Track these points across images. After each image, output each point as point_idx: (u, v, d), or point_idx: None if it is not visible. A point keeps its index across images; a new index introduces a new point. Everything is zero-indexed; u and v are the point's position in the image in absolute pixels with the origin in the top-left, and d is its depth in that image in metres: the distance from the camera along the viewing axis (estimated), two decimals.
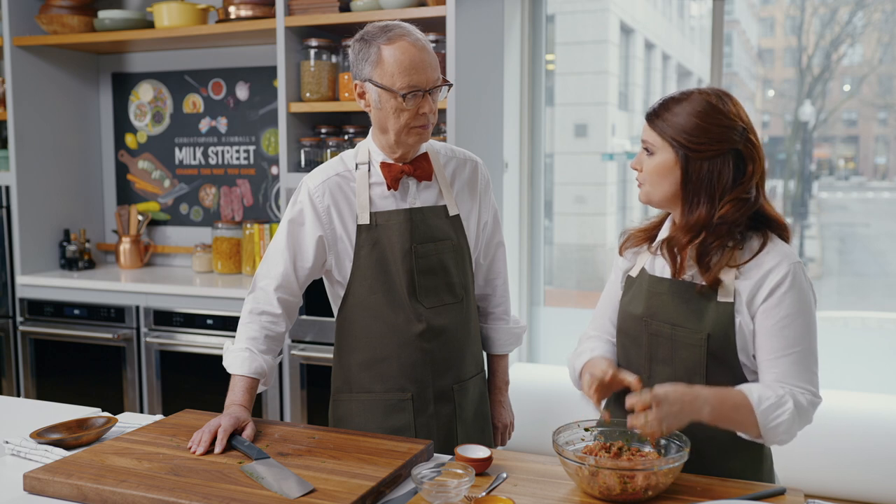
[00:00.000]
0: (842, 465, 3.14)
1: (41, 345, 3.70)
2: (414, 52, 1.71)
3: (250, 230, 3.66)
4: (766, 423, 1.45)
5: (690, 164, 1.53)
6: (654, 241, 1.69)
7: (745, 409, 1.46)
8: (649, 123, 1.57)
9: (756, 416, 1.45)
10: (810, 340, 1.52)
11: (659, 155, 1.55)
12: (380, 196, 1.83)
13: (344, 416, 1.91)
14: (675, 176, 1.55)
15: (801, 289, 1.51)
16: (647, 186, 1.59)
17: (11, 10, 3.68)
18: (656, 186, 1.58)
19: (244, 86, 3.88)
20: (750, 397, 1.46)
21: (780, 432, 1.47)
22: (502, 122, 3.51)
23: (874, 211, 6.62)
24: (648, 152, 1.58)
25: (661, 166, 1.55)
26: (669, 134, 1.53)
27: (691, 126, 1.52)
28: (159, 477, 1.47)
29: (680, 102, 1.54)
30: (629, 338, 1.67)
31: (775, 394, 1.47)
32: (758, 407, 1.45)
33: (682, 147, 1.52)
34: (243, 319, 1.85)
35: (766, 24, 7.20)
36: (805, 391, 1.50)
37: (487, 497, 1.36)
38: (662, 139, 1.54)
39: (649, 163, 1.57)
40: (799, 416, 1.48)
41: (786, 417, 1.45)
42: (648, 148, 1.58)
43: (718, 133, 1.51)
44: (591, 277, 6.70)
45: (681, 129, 1.52)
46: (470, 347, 1.93)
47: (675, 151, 1.54)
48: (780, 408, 1.46)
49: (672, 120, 1.54)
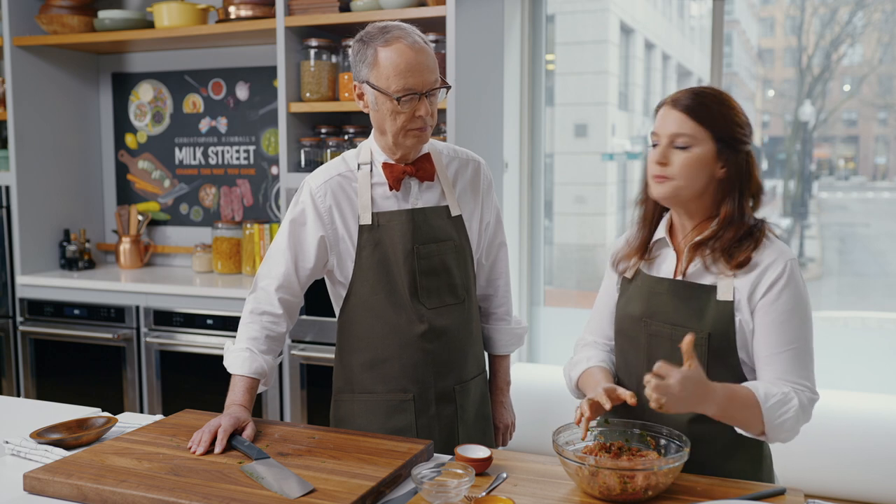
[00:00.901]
0: (842, 465, 3.14)
1: (41, 345, 3.70)
2: (410, 54, 1.70)
3: (250, 230, 3.66)
4: (772, 420, 1.45)
5: (730, 156, 1.53)
6: (646, 255, 1.68)
7: (752, 406, 1.45)
8: (688, 115, 1.51)
9: (762, 414, 1.45)
10: (807, 337, 1.53)
11: (698, 147, 1.51)
12: (382, 196, 1.83)
13: (345, 417, 1.91)
14: (713, 169, 1.53)
15: (797, 284, 1.53)
16: (678, 181, 1.53)
17: (11, 10, 3.68)
18: (691, 181, 1.52)
19: (244, 86, 3.89)
20: (756, 394, 1.46)
21: (785, 430, 1.47)
22: (502, 122, 3.51)
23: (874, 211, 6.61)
24: (680, 146, 1.52)
25: (700, 159, 1.51)
26: (712, 125, 1.50)
27: (731, 118, 1.52)
28: (159, 477, 1.47)
29: (708, 96, 1.53)
30: (627, 339, 1.67)
31: (780, 391, 1.47)
32: (764, 404, 1.45)
33: (727, 138, 1.51)
34: (244, 319, 1.85)
35: (766, 24, 7.20)
36: (804, 388, 1.50)
37: (487, 497, 1.36)
38: (705, 130, 1.51)
39: (684, 156, 1.52)
40: (802, 413, 1.48)
41: (791, 415, 1.46)
42: (683, 142, 1.52)
43: (748, 127, 1.55)
44: (591, 277, 6.69)
45: (725, 121, 1.51)
46: (472, 348, 1.93)
47: (715, 143, 1.52)
48: (785, 405, 1.46)
49: (712, 111, 1.51)
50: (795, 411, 1.46)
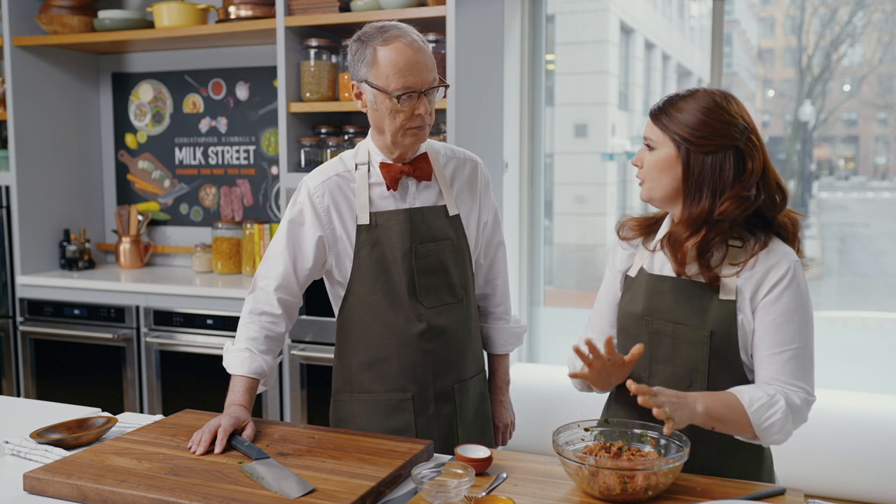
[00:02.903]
0: (842, 465, 3.14)
1: (41, 345, 3.70)
2: (409, 53, 1.71)
3: (250, 230, 3.66)
4: (759, 423, 1.46)
5: (692, 158, 1.54)
6: (651, 237, 1.69)
7: (737, 409, 1.46)
8: (653, 120, 1.58)
9: (749, 417, 1.46)
10: (807, 339, 1.53)
11: (660, 150, 1.56)
12: (379, 196, 1.83)
13: (345, 417, 1.91)
14: (677, 171, 1.55)
15: (800, 286, 1.53)
16: (648, 183, 1.60)
17: (11, 10, 3.68)
18: (657, 182, 1.58)
19: (244, 86, 3.88)
20: (741, 398, 1.47)
21: (774, 432, 1.47)
22: (502, 122, 3.51)
23: (874, 211, 6.61)
24: (650, 148, 1.59)
25: (663, 161, 1.56)
26: (672, 129, 1.54)
27: (694, 121, 1.53)
28: (159, 477, 1.47)
29: (685, 99, 1.56)
30: (629, 338, 1.67)
31: (766, 394, 1.47)
32: (749, 407, 1.46)
33: (684, 141, 1.53)
34: (243, 319, 1.85)
35: (766, 24, 7.20)
36: (799, 389, 1.50)
37: (487, 497, 1.36)
38: (664, 134, 1.55)
39: (650, 158, 1.58)
40: (793, 414, 1.48)
41: (778, 416, 1.46)
42: (650, 144, 1.58)
43: (720, 128, 1.52)
44: (591, 277, 6.69)
45: (683, 124, 1.54)
46: (470, 347, 1.93)
47: (676, 146, 1.55)
48: (771, 407, 1.46)
49: (675, 116, 1.55)
50: (783, 413, 1.46)
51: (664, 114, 1.57)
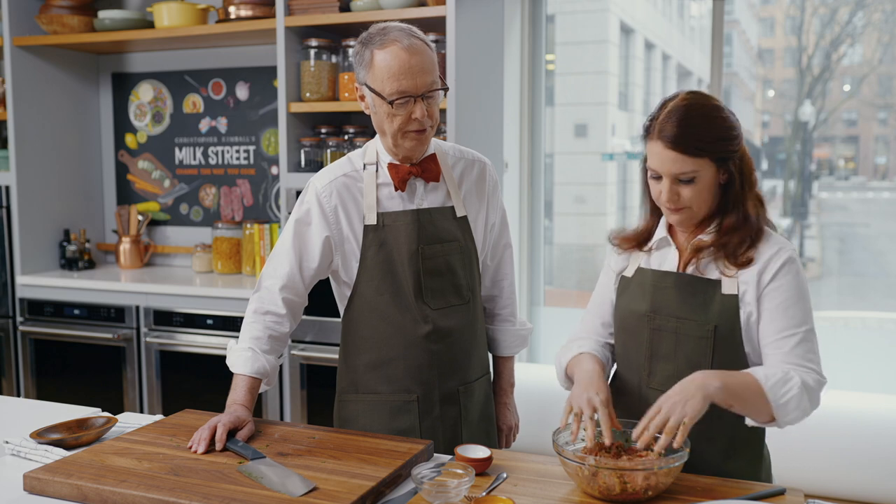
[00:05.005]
0: (842, 465, 3.14)
1: (41, 345, 3.70)
2: (404, 56, 1.70)
3: (250, 230, 3.66)
4: (776, 399, 1.45)
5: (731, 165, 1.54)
6: (644, 244, 1.68)
7: (753, 386, 1.45)
8: (681, 151, 1.50)
9: (766, 393, 1.44)
10: (811, 323, 1.54)
11: (703, 175, 1.52)
12: (387, 197, 1.83)
13: (349, 417, 1.91)
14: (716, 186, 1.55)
15: (800, 273, 1.55)
16: (693, 209, 1.55)
17: (11, 10, 3.68)
18: (706, 204, 1.56)
19: (244, 86, 3.89)
20: (756, 376, 1.46)
21: (791, 409, 1.46)
22: (502, 122, 3.51)
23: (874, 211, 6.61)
24: (686, 181, 1.52)
25: (708, 185, 1.53)
26: (709, 152, 1.50)
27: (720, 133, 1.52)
28: (159, 477, 1.47)
29: (694, 117, 1.51)
30: (630, 335, 1.67)
31: (780, 370, 1.48)
32: (765, 383, 1.45)
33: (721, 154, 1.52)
34: (247, 319, 1.84)
35: (766, 24, 7.19)
36: (812, 371, 1.51)
37: (487, 497, 1.36)
38: (702, 159, 1.51)
39: (692, 189, 1.52)
40: (808, 394, 1.48)
41: (795, 392, 1.46)
42: (687, 178, 1.51)
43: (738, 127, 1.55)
44: (591, 277, 6.69)
45: (712, 138, 1.50)
46: (476, 349, 1.93)
47: (714, 164, 1.52)
48: (787, 383, 1.46)
49: (698, 134, 1.50)
50: (799, 389, 1.46)
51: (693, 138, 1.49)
